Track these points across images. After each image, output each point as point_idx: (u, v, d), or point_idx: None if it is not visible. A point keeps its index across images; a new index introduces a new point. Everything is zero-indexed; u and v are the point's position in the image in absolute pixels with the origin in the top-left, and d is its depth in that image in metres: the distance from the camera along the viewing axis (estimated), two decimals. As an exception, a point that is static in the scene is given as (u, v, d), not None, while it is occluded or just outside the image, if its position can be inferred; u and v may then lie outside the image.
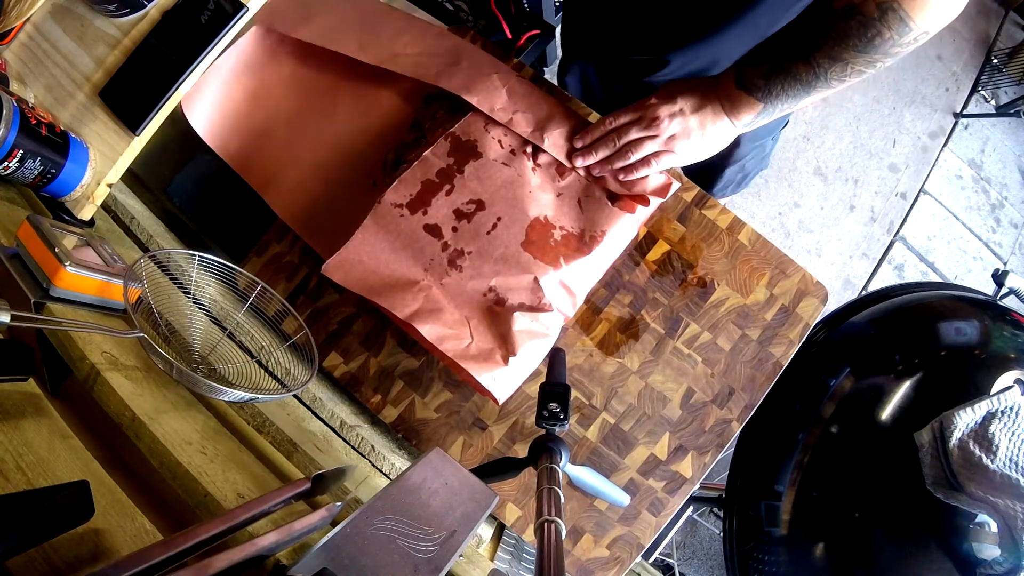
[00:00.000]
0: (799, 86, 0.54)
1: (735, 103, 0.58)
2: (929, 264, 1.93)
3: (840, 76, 0.53)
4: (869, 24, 0.48)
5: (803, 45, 0.53)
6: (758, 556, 0.68)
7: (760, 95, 0.56)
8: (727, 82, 0.58)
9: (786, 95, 0.55)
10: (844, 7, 0.50)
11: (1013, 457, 0.56)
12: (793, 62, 0.54)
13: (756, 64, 0.56)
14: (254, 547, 0.35)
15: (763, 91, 0.56)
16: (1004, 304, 0.78)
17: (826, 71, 0.52)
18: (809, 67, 0.53)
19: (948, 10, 0.48)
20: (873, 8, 0.48)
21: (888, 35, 0.49)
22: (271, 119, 0.73)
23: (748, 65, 0.57)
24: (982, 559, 0.56)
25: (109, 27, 0.64)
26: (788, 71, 0.54)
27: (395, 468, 0.61)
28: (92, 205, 0.64)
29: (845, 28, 0.50)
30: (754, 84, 0.56)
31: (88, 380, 0.47)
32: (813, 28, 0.52)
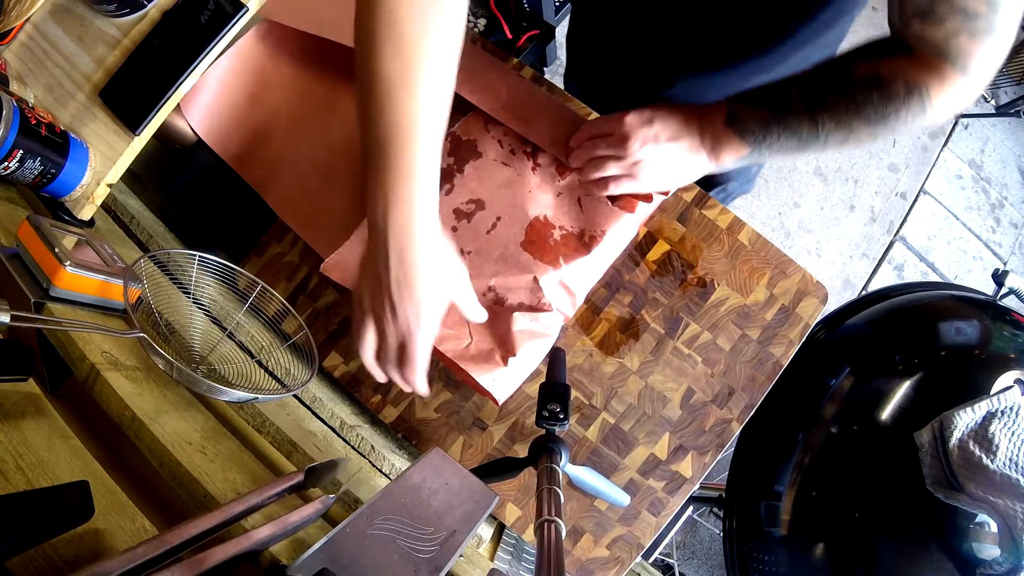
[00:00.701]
0: (795, 142, 0.51)
1: (719, 141, 0.54)
2: (929, 264, 1.93)
3: (840, 142, 0.50)
4: (890, 100, 0.47)
5: (812, 101, 0.50)
6: (758, 556, 0.68)
7: (751, 140, 0.53)
8: (716, 117, 0.54)
9: (778, 147, 0.52)
10: (868, 77, 0.48)
11: (1013, 457, 0.56)
12: (796, 116, 0.50)
13: (754, 106, 0.53)
14: (249, 541, 0.35)
15: (755, 136, 0.52)
16: (1004, 304, 0.78)
17: (828, 134, 0.50)
18: (813, 126, 0.50)
19: (960, 107, 0.47)
20: (901, 86, 0.46)
21: (905, 115, 0.47)
22: (271, 118, 0.73)
23: (745, 105, 0.53)
24: (982, 559, 0.56)
25: (109, 27, 0.63)
26: (788, 124, 0.51)
27: (395, 468, 0.61)
28: (92, 205, 0.64)
29: (864, 98, 0.47)
30: (747, 127, 0.53)
31: (88, 380, 0.47)
32: (828, 88, 0.49)
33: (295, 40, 0.72)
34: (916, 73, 0.46)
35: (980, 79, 0.46)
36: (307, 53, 0.72)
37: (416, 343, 0.47)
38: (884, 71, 0.47)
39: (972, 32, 0.42)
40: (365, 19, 0.42)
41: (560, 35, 1.75)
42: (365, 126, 0.44)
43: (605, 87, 0.83)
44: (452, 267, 0.48)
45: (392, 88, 0.42)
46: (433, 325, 0.47)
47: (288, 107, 0.73)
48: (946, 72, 0.45)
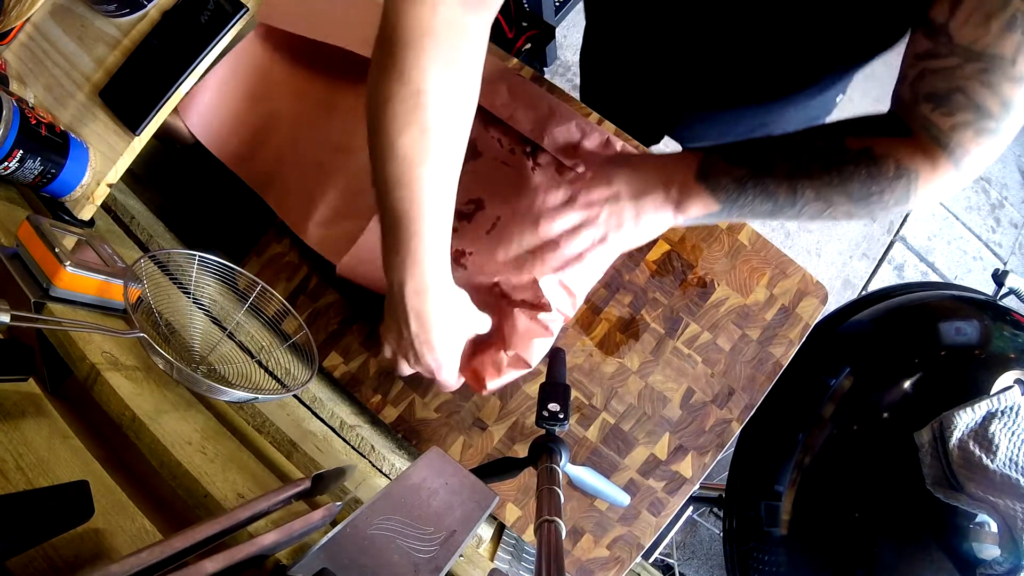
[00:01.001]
0: (769, 205, 0.49)
1: (688, 195, 0.51)
2: (929, 264, 1.93)
3: (815, 214, 0.48)
4: (877, 180, 0.45)
5: (796, 167, 0.47)
6: (758, 556, 0.68)
7: (723, 197, 0.50)
8: (687, 170, 0.51)
9: (750, 208, 0.49)
10: (860, 151, 0.45)
11: (1013, 457, 0.56)
12: (775, 180, 0.48)
13: (732, 162, 0.49)
14: (254, 547, 0.35)
15: (727, 195, 0.50)
16: (1004, 304, 0.78)
17: (805, 203, 0.47)
18: (791, 193, 0.47)
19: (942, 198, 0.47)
20: (891, 167, 0.45)
21: (888, 198, 0.46)
22: (270, 119, 0.73)
23: (721, 160, 0.50)
24: (982, 559, 0.56)
25: (109, 27, 0.64)
26: (765, 187, 0.48)
27: (395, 468, 0.61)
28: (92, 205, 0.64)
29: (851, 173, 0.45)
30: (720, 184, 0.50)
31: (88, 380, 0.47)
32: (815, 156, 0.47)
33: (294, 42, 0.72)
34: (910, 157, 0.44)
35: (969, 176, 0.44)
36: (306, 54, 0.72)
37: (442, 377, 0.55)
38: (878, 149, 0.45)
39: (979, 130, 0.41)
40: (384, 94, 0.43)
41: (560, 35, 1.75)
42: (381, 196, 0.47)
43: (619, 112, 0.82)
44: (464, 316, 0.53)
45: (410, 167, 0.44)
46: (453, 364, 0.54)
47: (289, 107, 0.73)
48: (940, 162, 0.43)
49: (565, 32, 1.80)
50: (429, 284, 0.48)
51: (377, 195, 0.47)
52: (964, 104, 0.40)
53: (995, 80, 0.38)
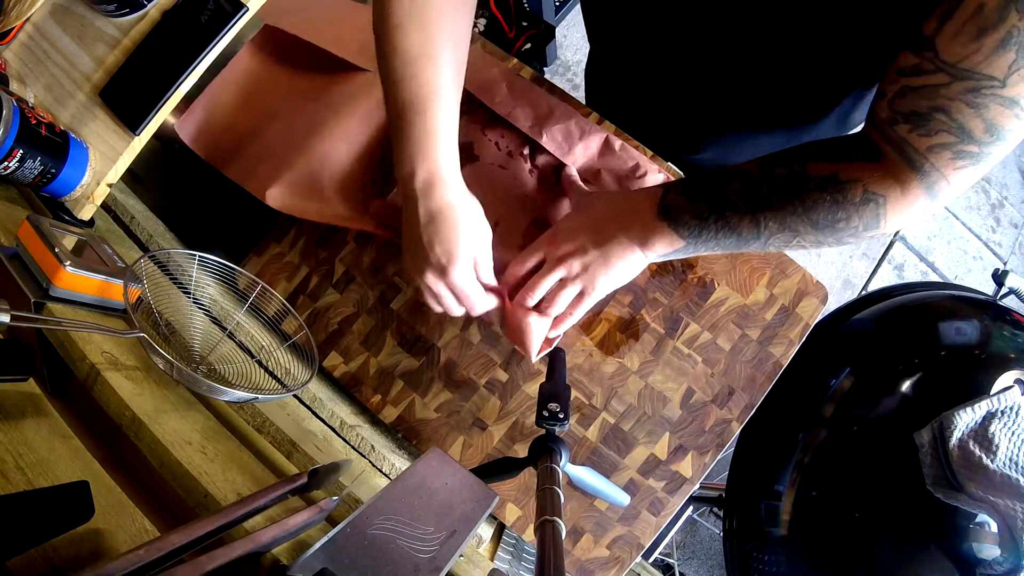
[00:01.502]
0: (734, 239, 0.47)
1: (651, 234, 0.50)
2: (929, 264, 1.93)
3: (782, 244, 0.47)
4: (843, 207, 0.43)
5: (756, 199, 0.46)
6: (758, 556, 0.68)
7: (685, 234, 0.49)
8: (647, 210, 0.50)
9: (715, 243, 0.48)
10: (823, 178, 0.43)
11: (1013, 457, 0.56)
12: (737, 214, 0.46)
13: (691, 199, 0.48)
14: (251, 543, 0.35)
15: (691, 231, 0.48)
16: (1004, 304, 0.78)
17: (770, 235, 0.46)
18: (754, 225, 0.46)
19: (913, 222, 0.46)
20: (858, 193, 0.42)
21: (856, 224, 0.44)
22: (268, 119, 0.73)
23: (680, 197, 0.49)
24: (982, 559, 0.56)
25: (109, 27, 0.63)
26: (728, 221, 0.47)
27: (395, 468, 0.61)
28: (92, 205, 0.64)
29: (815, 201, 0.43)
30: (682, 221, 0.49)
31: (88, 380, 0.47)
32: (776, 186, 0.45)
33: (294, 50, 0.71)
34: (879, 182, 0.42)
35: (941, 204, 0.42)
36: (307, 60, 0.72)
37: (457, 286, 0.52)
38: (843, 174, 0.43)
39: (958, 153, 0.38)
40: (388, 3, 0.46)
41: (560, 35, 1.75)
42: (390, 97, 0.49)
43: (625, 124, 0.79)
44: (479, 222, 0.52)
45: (415, 61, 0.47)
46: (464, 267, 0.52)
47: (288, 106, 0.72)
48: (911, 188, 0.41)
49: (565, 32, 1.80)
50: (442, 176, 0.49)
51: (388, 99, 0.49)
52: (945, 124, 0.37)
53: (982, 102, 0.35)
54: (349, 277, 0.69)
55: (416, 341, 0.67)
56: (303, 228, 0.71)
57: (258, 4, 0.62)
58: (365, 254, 0.69)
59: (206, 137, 0.71)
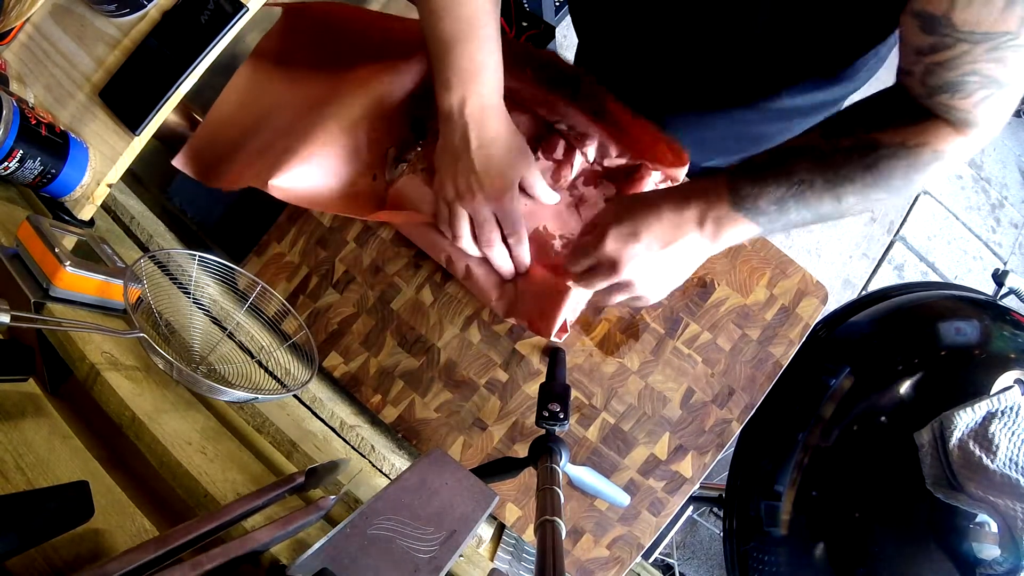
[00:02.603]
0: (811, 215, 0.47)
1: (723, 225, 0.48)
2: (929, 264, 1.93)
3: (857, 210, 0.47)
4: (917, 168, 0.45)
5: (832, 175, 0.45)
6: (758, 556, 0.68)
7: (764, 221, 0.48)
8: (719, 200, 0.48)
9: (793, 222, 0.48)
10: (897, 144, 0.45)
11: (1013, 457, 0.56)
12: (815, 192, 0.46)
13: (765, 183, 0.47)
14: (249, 542, 0.35)
15: (768, 216, 0.47)
16: (1004, 304, 0.78)
17: (850, 206, 0.46)
18: (835, 200, 0.46)
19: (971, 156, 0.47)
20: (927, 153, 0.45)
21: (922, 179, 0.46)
22: (268, 118, 0.72)
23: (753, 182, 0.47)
24: (982, 559, 0.56)
25: (109, 27, 0.63)
26: (807, 201, 0.46)
27: (395, 468, 0.61)
28: (92, 205, 0.64)
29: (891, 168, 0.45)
30: (759, 208, 0.47)
31: (88, 380, 0.47)
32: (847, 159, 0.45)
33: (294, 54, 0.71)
34: (943, 140, 0.44)
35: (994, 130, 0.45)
36: (307, 62, 0.72)
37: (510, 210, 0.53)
38: (911, 140, 0.44)
39: (999, 99, 0.42)
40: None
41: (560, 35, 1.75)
42: (432, 28, 0.50)
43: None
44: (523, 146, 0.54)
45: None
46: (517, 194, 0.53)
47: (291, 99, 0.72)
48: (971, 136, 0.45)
49: (565, 32, 1.80)
50: (488, 103, 0.51)
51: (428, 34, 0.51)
52: (979, 83, 0.40)
53: (1004, 55, 0.38)
54: (349, 277, 0.69)
55: (416, 341, 0.67)
56: (303, 228, 0.71)
57: (258, 4, 0.62)
58: (365, 254, 0.69)
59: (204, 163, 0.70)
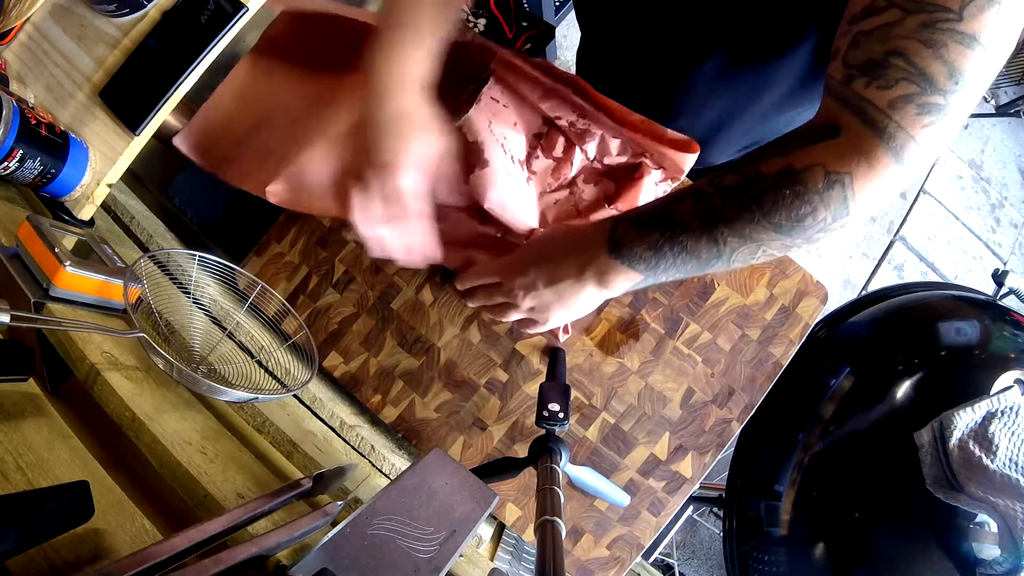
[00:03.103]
0: (694, 263, 0.44)
1: (606, 272, 0.47)
2: (929, 264, 1.93)
3: (747, 257, 0.43)
4: (806, 199, 0.39)
5: (710, 215, 0.42)
6: (758, 556, 0.68)
7: (642, 267, 0.46)
8: (597, 249, 0.47)
9: (676, 270, 0.45)
10: (778, 173, 0.39)
11: (1013, 457, 0.56)
12: (692, 236, 0.42)
13: (642, 229, 0.45)
14: (255, 547, 0.35)
15: (647, 264, 0.45)
16: (1004, 304, 0.78)
17: (732, 251, 0.42)
18: (713, 244, 0.42)
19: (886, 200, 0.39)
20: (819, 179, 0.38)
21: (824, 216, 0.39)
22: (267, 121, 0.72)
23: (630, 229, 0.46)
24: (982, 559, 0.56)
25: (109, 27, 0.63)
26: (684, 246, 0.43)
27: (395, 468, 0.61)
28: (92, 205, 0.64)
29: (773, 201, 0.39)
30: (635, 254, 0.45)
31: (88, 380, 0.47)
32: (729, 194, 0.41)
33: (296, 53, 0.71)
34: (840, 160, 0.38)
35: (914, 170, 0.38)
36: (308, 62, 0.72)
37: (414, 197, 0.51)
38: (798, 163, 0.39)
39: (923, 107, 0.35)
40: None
41: (560, 35, 1.75)
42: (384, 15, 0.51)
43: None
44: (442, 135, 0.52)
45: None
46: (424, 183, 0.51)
47: (288, 104, 0.72)
48: (877, 156, 0.37)
49: (565, 32, 1.80)
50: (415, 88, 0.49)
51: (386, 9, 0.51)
52: (904, 71, 0.34)
53: (939, 39, 0.33)
54: (349, 277, 0.69)
55: (416, 341, 0.67)
56: (303, 228, 0.71)
57: (258, 4, 0.62)
58: (365, 254, 0.69)
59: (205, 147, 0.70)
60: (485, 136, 0.64)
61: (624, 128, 0.63)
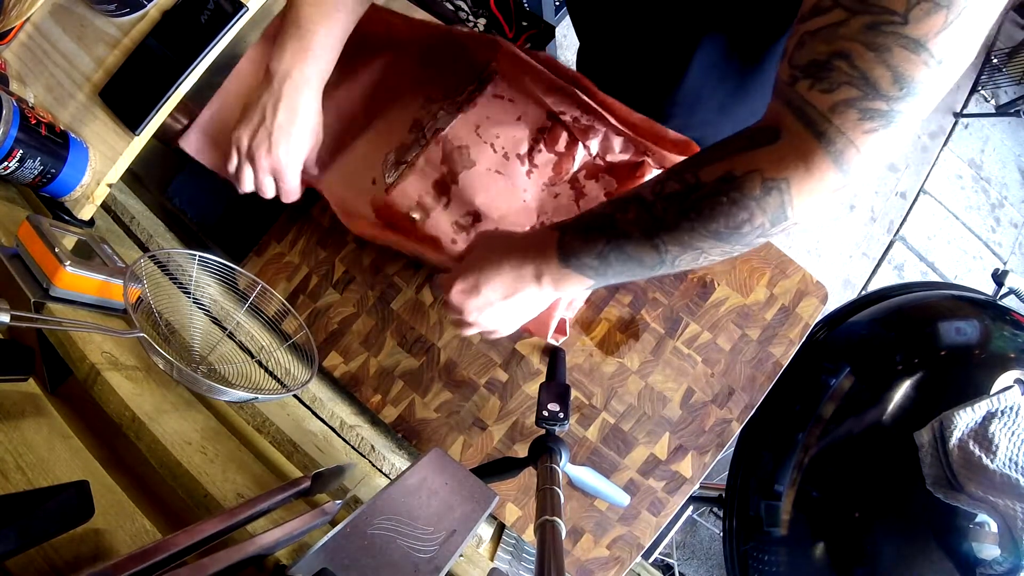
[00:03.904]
0: (640, 269, 0.45)
1: (560, 279, 0.48)
2: (929, 264, 1.93)
3: (691, 263, 0.43)
4: (743, 205, 0.38)
5: (651, 222, 0.42)
6: (758, 556, 0.68)
7: (592, 274, 0.47)
8: (549, 254, 0.48)
9: (623, 275, 0.46)
10: (717, 180, 0.39)
11: (1013, 457, 0.56)
12: (635, 244, 0.43)
13: (586, 238, 0.46)
14: (254, 546, 0.35)
15: (595, 271, 0.46)
16: (1004, 304, 0.78)
17: (674, 258, 0.42)
18: (654, 251, 0.42)
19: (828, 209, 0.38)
20: (756, 185, 0.37)
21: (761, 222, 0.38)
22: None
23: (577, 235, 0.47)
24: (982, 559, 0.56)
25: (109, 27, 0.63)
26: (628, 254, 0.44)
27: (395, 468, 0.61)
28: (92, 205, 0.64)
29: (711, 209, 0.39)
30: (584, 264, 0.46)
31: (88, 380, 0.47)
32: (670, 202, 0.42)
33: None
34: (778, 165, 0.37)
35: (855, 178, 0.36)
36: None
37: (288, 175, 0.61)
38: (737, 169, 0.38)
39: (865, 112, 0.33)
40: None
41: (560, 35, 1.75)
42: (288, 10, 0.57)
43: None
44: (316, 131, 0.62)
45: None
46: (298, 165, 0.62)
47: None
48: (816, 161, 0.36)
49: (565, 32, 1.80)
50: (309, 81, 0.58)
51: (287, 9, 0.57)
52: (847, 75, 0.33)
53: (884, 43, 0.31)
54: (349, 277, 0.69)
55: (416, 341, 0.67)
56: (303, 228, 0.71)
57: (258, 4, 0.62)
58: (365, 254, 0.69)
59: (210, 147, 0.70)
60: (470, 140, 0.64)
61: (626, 128, 0.63)
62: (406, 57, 0.70)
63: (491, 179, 0.63)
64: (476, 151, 0.64)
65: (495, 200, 0.63)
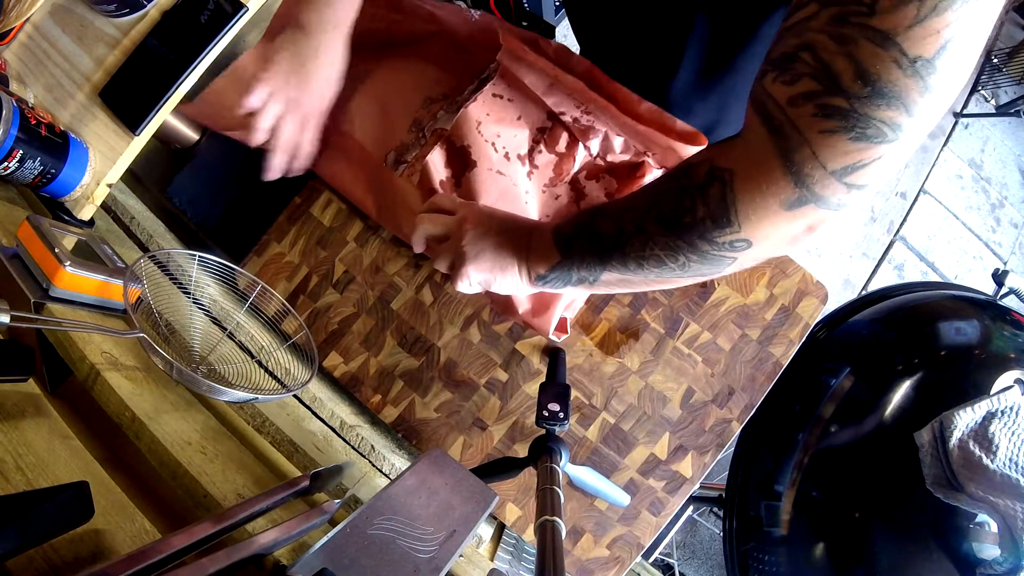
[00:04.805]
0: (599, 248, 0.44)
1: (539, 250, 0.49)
2: (929, 264, 1.93)
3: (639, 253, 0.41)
4: (688, 191, 0.37)
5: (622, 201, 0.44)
6: (758, 556, 0.68)
7: (562, 245, 0.47)
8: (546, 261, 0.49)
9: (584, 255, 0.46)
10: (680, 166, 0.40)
11: (1013, 457, 0.56)
12: (602, 217, 0.44)
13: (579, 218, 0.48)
14: (253, 545, 0.35)
15: (565, 241, 0.47)
16: (1004, 304, 0.78)
17: (627, 239, 0.42)
18: (614, 228, 0.43)
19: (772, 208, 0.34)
20: (702, 172, 0.37)
21: (702, 215, 0.37)
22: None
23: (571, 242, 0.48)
24: (982, 559, 0.56)
25: (109, 27, 0.63)
26: (595, 227, 0.45)
27: (395, 468, 0.61)
28: (92, 205, 0.64)
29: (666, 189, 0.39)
30: (562, 230, 0.48)
31: (88, 380, 0.47)
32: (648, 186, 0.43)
33: None
34: (726, 155, 0.36)
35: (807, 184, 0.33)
36: None
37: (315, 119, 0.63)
38: (695, 157, 0.38)
39: (824, 109, 0.30)
40: None
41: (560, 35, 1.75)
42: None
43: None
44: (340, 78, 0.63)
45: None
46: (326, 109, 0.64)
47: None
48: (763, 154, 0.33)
49: (565, 32, 1.80)
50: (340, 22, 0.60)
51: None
52: (808, 66, 0.30)
53: (849, 34, 0.29)
54: (349, 277, 0.69)
55: (416, 341, 0.67)
56: (303, 228, 0.71)
57: (258, 4, 0.62)
58: (365, 254, 0.69)
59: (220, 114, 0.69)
60: (472, 139, 0.64)
61: (633, 119, 0.63)
62: (406, 57, 0.70)
63: (492, 179, 0.63)
64: (477, 151, 0.64)
65: (496, 201, 0.63)
